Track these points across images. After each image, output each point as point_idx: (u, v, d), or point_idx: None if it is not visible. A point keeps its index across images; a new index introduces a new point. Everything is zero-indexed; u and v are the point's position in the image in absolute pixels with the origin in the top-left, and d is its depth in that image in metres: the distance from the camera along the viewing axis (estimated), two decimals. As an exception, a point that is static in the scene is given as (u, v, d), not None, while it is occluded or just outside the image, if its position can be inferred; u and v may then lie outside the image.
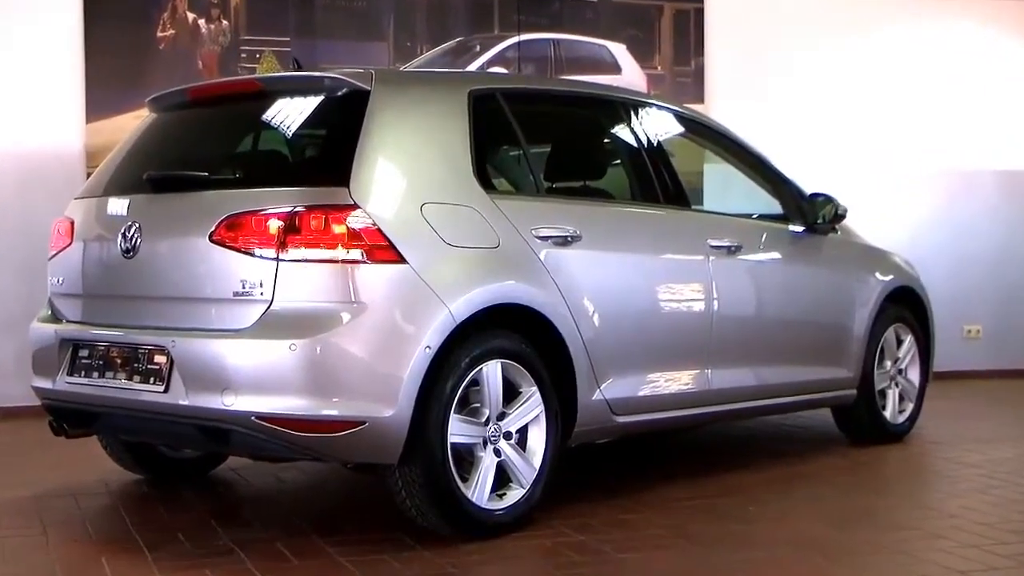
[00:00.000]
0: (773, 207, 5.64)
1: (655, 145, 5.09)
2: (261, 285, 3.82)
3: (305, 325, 3.76)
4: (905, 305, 6.07)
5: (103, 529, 4.35)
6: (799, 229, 5.59)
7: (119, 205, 4.32)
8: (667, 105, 5.47)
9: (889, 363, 5.98)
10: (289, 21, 7.35)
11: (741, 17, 8.26)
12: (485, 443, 4.09)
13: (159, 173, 4.29)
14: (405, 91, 4.34)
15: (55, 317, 4.52)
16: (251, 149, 4.52)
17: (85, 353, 4.28)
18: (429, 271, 3.92)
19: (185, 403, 3.89)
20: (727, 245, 5.09)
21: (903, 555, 3.92)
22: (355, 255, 3.80)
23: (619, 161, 5.22)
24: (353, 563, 3.78)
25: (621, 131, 5.14)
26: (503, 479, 4.15)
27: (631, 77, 7.92)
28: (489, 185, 4.40)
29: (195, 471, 5.13)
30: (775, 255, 5.45)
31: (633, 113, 5.10)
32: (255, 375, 3.79)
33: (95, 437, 4.86)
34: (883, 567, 3.84)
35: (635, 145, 5.05)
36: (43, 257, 4.68)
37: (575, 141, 5.24)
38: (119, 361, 4.14)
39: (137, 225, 4.16)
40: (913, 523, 4.42)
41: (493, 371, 4.08)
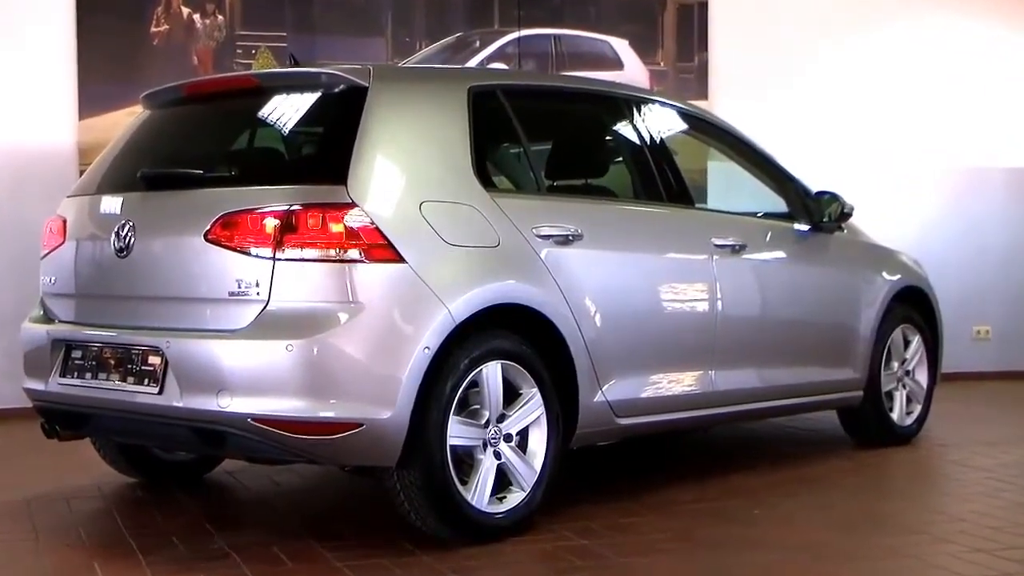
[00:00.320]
0: (778, 205, 5.64)
1: (658, 142, 5.09)
2: (257, 285, 3.82)
3: (302, 325, 3.77)
4: (913, 305, 6.07)
5: (96, 533, 4.35)
6: (804, 228, 5.60)
7: (112, 203, 4.32)
8: (670, 102, 5.47)
9: (896, 364, 5.98)
10: (285, 16, 7.36)
11: (745, 12, 8.26)
12: (485, 445, 4.09)
13: (153, 171, 4.29)
14: (404, 87, 4.34)
15: (47, 317, 4.53)
16: (247, 146, 4.52)
17: (78, 354, 4.28)
18: (428, 270, 3.92)
19: (180, 405, 3.89)
20: (731, 244, 5.09)
21: (911, 559, 3.93)
22: (353, 254, 3.81)
23: (621, 159, 5.23)
24: (351, 568, 3.78)
25: (623, 128, 5.14)
26: (503, 482, 4.15)
27: (634, 73, 7.92)
28: (489, 183, 4.41)
29: (190, 474, 5.14)
30: (780, 254, 5.46)
31: (636, 110, 5.11)
32: (251, 376, 3.79)
33: (88, 440, 4.85)
34: (890, 572, 3.85)
35: (638, 142, 5.05)
36: (35, 256, 4.69)
37: (577, 138, 5.24)
38: (112, 362, 4.14)
39: (131, 224, 4.17)
40: (921, 527, 4.42)
41: (493, 372, 4.09)
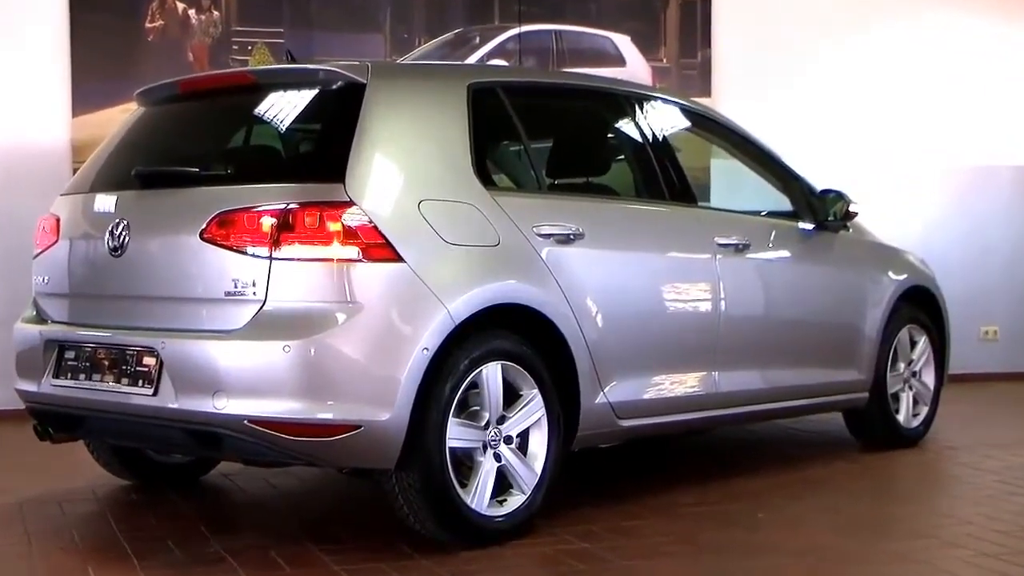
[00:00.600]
0: (782, 204, 5.64)
1: (660, 140, 5.09)
2: (254, 284, 3.83)
3: (299, 326, 3.77)
4: (919, 305, 6.07)
5: (90, 537, 4.35)
6: (809, 226, 5.60)
7: (106, 202, 4.32)
8: (673, 99, 5.48)
9: (903, 365, 5.98)
10: (282, 12, 7.36)
11: (749, 8, 8.26)
12: (485, 447, 4.09)
13: (148, 169, 4.29)
14: (402, 84, 4.34)
15: (40, 317, 4.53)
16: (243, 144, 4.53)
17: (71, 355, 4.28)
18: (427, 270, 3.92)
19: (175, 406, 3.89)
20: (735, 243, 5.09)
21: (918, 564, 3.93)
22: (351, 253, 3.81)
23: (623, 157, 5.23)
24: (349, 572, 3.79)
25: (625, 126, 5.15)
26: (503, 485, 4.15)
27: (636, 70, 7.93)
28: (489, 181, 4.41)
29: (185, 477, 5.14)
30: (784, 253, 5.46)
31: (638, 107, 5.11)
32: (247, 377, 3.79)
33: (82, 442, 4.86)
34: (896, 576, 3.86)
35: (640, 140, 5.06)
36: (28, 255, 4.69)
37: (578, 136, 5.25)
38: (106, 363, 4.15)
39: (125, 222, 4.17)
40: (928, 531, 4.42)
41: (493, 373, 4.09)
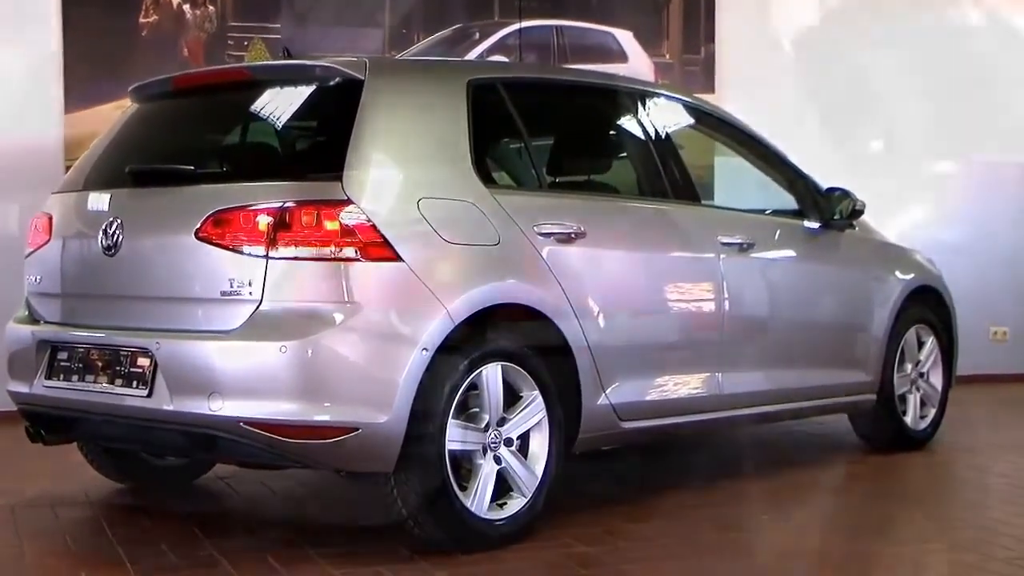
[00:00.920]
0: (787, 202, 5.65)
1: (663, 137, 5.10)
2: (250, 284, 3.83)
3: (296, 326, 3.78)
4: (927, 305, 6.07)
5: (83, 541, 4.36)
6: (815, 225, 5.60)
7: (100, 200, 4.33)
8: (676, 95, 5.49)
9: (910, 366, 5.98)
10: (279, 6, 7.36)
11: (753, 2, 8.27)
12: (485, 450, 4.09)
13: (142, 166, 4.30)
14: (401, 81, 4.35)
15: (32, 318, 4.54)
16: (239, 141, 4.53)
17: (64, 355, 4.29)
18: (426, 269, 3.93)
19: (170, 408, 3.90)
20: (739, 242, 5.10)
21: (926, 569, 3.93)
22: (348, 253, 3.82)
23: (625, 154, 5.23)
24: (346, 576, 3.81)
25: (627, 123, 5.15)
26: (504, 488, 4.15)
27: (638, 65, 7.93)
28: (489, 179, 4.42)
29: (180, 479, 5.15)
30: (789, 252, 5.46)
31: (640, 104, 5.12)
32: (243, 378, 3.80)
33: (75, 444, 4.87)
34: (903, 580, 3.87)
35: (642, 137, 5.06)
36: (19, 254, 4.70)
37: (579, 133, 5.25)
38: (100, 364, 4.15)
39: (119, 221, 4.18)
40: (936, 535, 4.43)
41: (493, 374, 4.09)
